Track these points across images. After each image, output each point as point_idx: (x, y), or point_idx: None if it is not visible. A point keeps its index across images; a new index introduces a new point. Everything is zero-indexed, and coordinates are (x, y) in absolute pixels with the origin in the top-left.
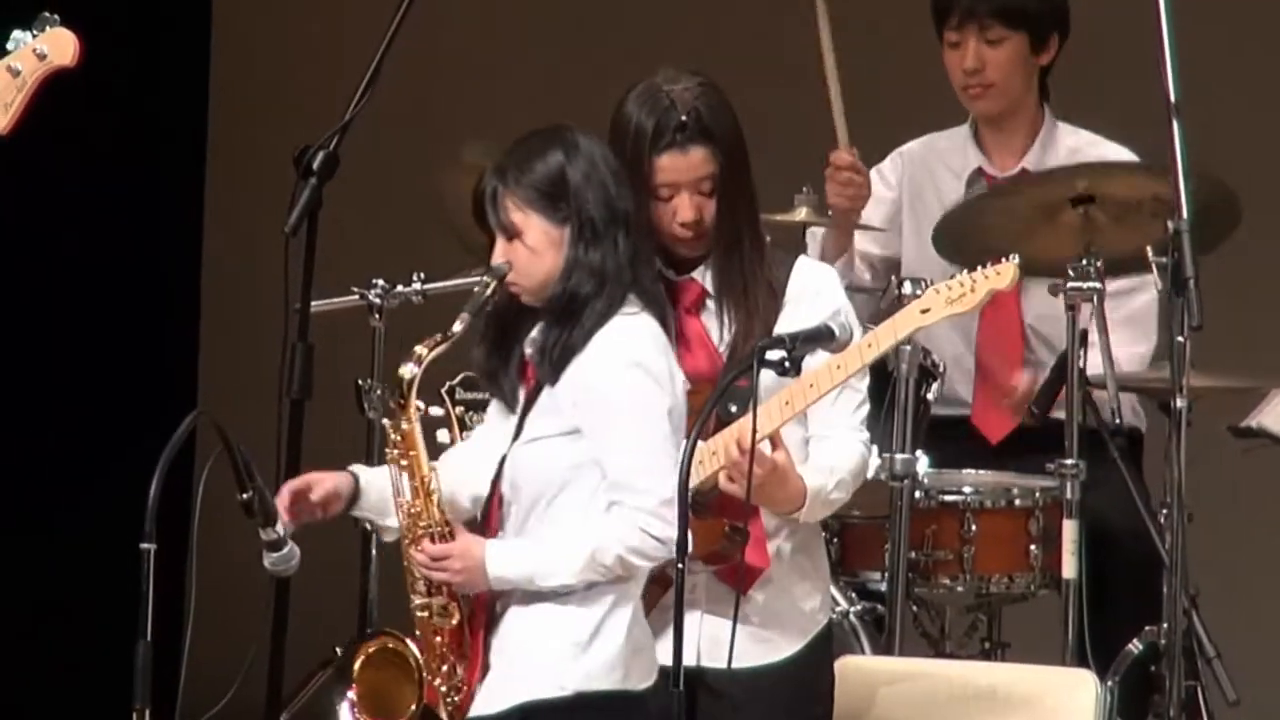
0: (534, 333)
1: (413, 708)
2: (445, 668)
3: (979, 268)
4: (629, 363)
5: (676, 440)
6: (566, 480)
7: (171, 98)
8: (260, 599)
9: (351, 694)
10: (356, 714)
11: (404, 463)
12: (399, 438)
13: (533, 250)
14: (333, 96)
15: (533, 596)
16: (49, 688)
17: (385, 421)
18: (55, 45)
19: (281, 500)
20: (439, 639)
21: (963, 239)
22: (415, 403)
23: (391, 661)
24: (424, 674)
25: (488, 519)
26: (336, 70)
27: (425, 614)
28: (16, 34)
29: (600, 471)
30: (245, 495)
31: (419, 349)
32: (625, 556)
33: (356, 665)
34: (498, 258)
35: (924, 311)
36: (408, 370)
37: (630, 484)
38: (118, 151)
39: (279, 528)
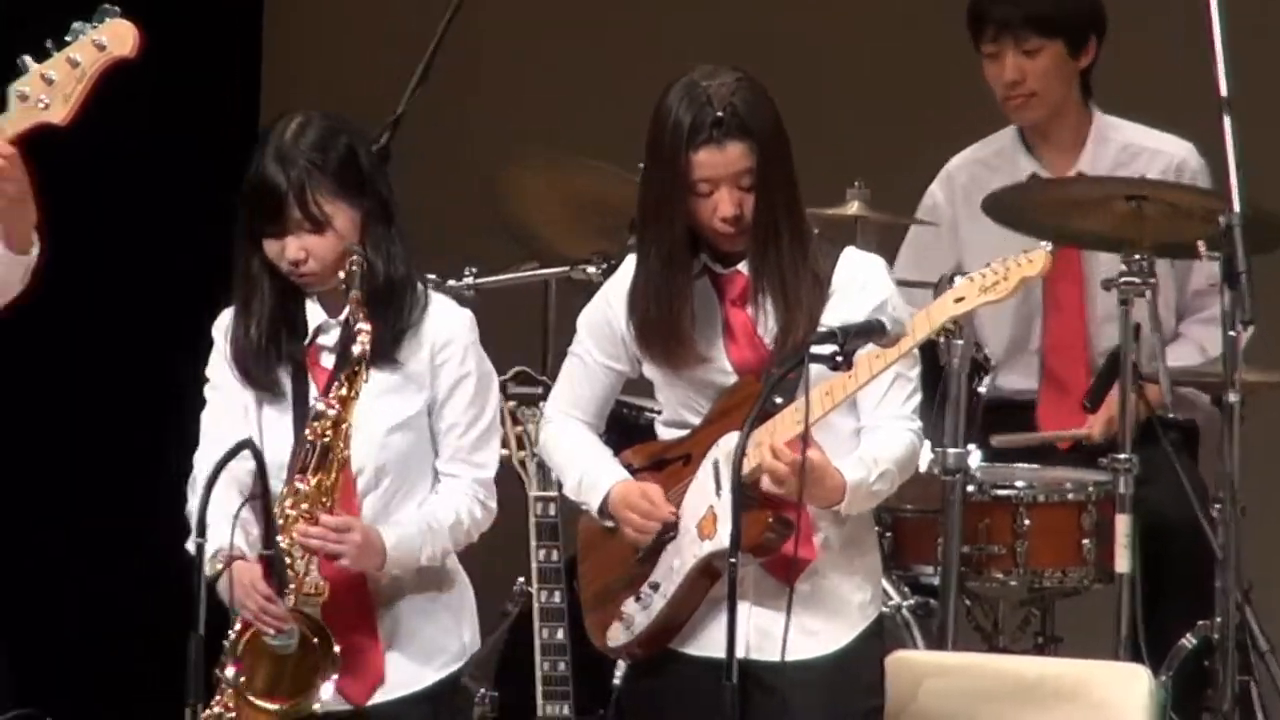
0: (325, 321)
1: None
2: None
3: (1011, 256)
4: (472, 341)
5: None
6: (425, 458)
7: (224, 90)
8: None
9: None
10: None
11: (327, 438)
12: (338, 409)
13: (341, 236)
14: (385, 92)
15: (407, 577)
16: (103, 683)
17: (318, 403)
18: (115, 36)
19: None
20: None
21: (1017, 213)
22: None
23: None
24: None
25: (343, 502)
26: (389, 65)
27: (296, 593)
28: (76, 25)
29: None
30: (267, 553)
31: (363, 325)
32: (472, 529)
33: (243, 642)
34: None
35: (958, 300)
36: (360, 347)
37: (470, 458)
38: (170, 144)
39: (287, 599)
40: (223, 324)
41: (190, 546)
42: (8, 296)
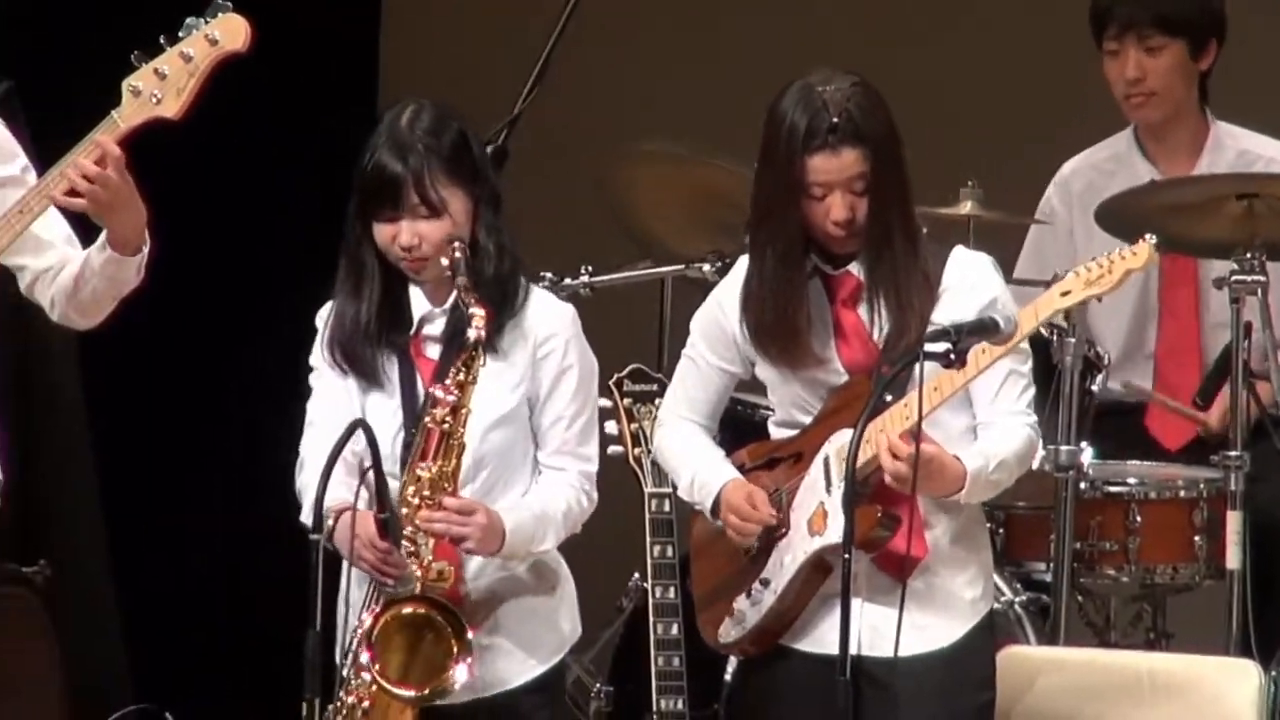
0: (429, 310)
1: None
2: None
3: (1116, 250)
4: (574, 335)
5: None
6: (526, 450)
7: (341, 89)
8: None
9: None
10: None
11: (447, 424)
12: (458, 395)
13: (455, 223)
14: (501, 90)
15: (509, 570)
16: (220, 679)
17: (436, 390)
18: (227, 31)
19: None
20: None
21: (1129, 219)
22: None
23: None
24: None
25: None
26: (505, 63)
27: (422, 580)
28: (189, 20)
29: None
30: (383, 515)
31: (476, 310)
32: (578, 520)
33: (376, 630)
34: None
35: (1064, 294)
36: (476, 332)
37: (577, 451)
38: (286, 143)
39: (402, 552)
40: (325, 313)
41: (305, 519)
42: (121, 294)
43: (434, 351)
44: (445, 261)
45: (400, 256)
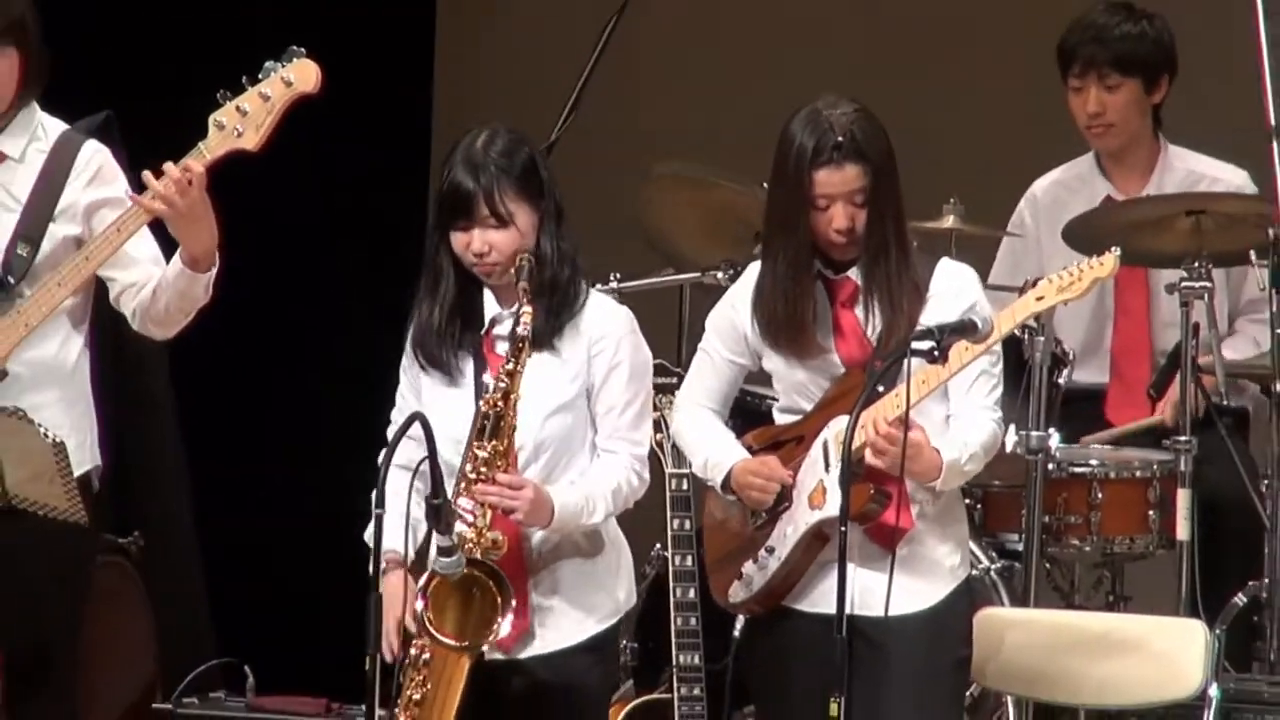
0: (499, 312)
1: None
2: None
3: (1085, 260)
4: (626, 333)
5: None
6: (585, 435)
7: (396, 127)
8: None
9: (421, 606)
10: (432, 630)
11: (499, 408)
12: (507, 382)
13: (521, 234)
14: (542, 119)
15: (569, 539)
16: (294, 637)
17: (488, 378)
18: (301, 74)
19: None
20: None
21: (1091, 237)
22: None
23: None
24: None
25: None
26: (544, 96)
27: (479, 550)
28: (268, 64)
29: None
30: (435, 501)
31: (526, 309)
32: (630, 496)
33: (431, 586)
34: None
35: (1039, 299)
36: (524, 328)
37: (627, 436)
38: (350, 171)
39: (453, 537)
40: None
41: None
42: (191, 310)
43: (503, 348)
44: (513, 270)
45: (473, 263)
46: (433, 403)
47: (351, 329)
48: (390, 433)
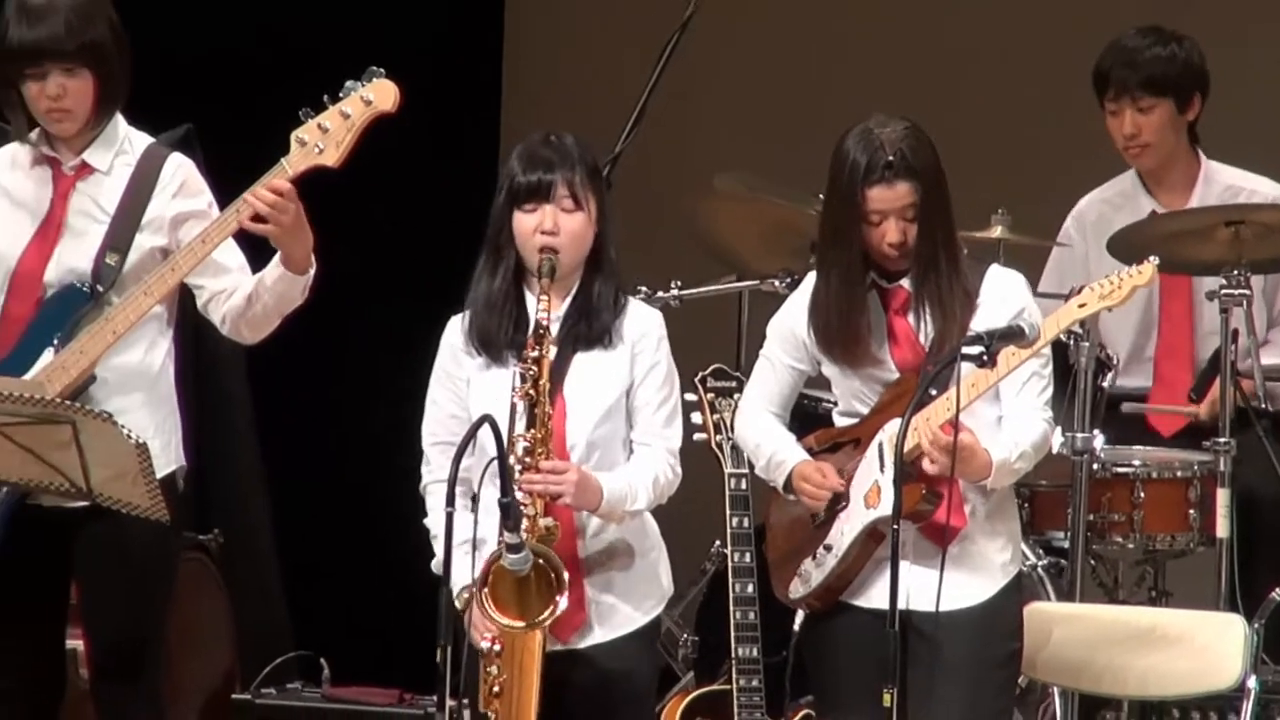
0: (547, 306)
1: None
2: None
3: (1125, 269)
4: (661, 335)
5: None
6: (624, 436)
7: (467, 142)
8: None
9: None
10: (492, 610)
11: (531, 396)
12: (535, 370)
13: (589, 221)
14: (606, 132)
15: (616, 537)
16: (368, 630)
17: (517, 368)
18: (380, 94)
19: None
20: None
21: (1135, 247)
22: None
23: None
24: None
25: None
26: (610, 112)
27: (534, 538)
28: (349, 84)
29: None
30: (504, 500)
31: (544, 299)
32: (666, 488)
33: (491, 575)
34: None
35: (1081, 306)
36: (544, 315)
37: (662, 431)
38: (422, 185)
39: (521, 533)
40: (451, 326)
41: (420, 489)
42: (285, 311)
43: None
44: (544, 264)
45: (540, 244)
46: (480, 389)
47: (428, 330)
48: (424, 437)
